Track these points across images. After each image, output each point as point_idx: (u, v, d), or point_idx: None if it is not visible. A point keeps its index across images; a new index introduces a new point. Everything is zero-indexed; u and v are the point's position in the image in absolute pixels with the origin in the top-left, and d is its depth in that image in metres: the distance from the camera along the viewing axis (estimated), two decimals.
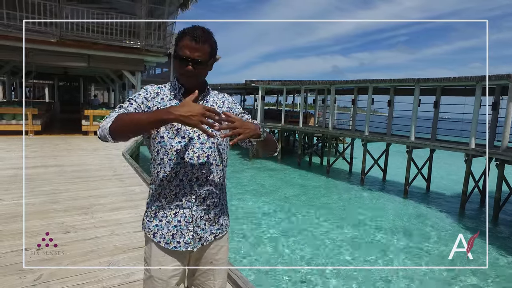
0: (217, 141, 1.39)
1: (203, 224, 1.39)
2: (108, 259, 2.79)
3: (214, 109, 1.16)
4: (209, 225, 1.41)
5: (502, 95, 11.58)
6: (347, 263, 7.45)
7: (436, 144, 12.37)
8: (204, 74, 1.38)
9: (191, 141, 1.34)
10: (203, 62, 1.32)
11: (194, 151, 1.34)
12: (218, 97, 1.49)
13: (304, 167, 18.11)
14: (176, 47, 1.36)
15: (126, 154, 7.54)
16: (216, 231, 1.43)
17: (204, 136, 1.36)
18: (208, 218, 1.40)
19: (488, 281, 6.91)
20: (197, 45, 1.29)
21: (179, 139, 1.34)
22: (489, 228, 10.30)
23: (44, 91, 30.06)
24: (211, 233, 1.41)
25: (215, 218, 1.42)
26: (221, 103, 1.47)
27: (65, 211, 3.89)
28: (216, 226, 1.43)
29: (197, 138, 1.35)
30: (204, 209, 1.38)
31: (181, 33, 1.33)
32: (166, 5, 11.11)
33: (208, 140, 1.37)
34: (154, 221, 1.38)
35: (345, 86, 17.13)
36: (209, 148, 1.37)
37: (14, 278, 2.40)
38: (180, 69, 1.34)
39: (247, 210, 10.48)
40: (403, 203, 12.36)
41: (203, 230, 1.39)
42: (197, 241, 1.38)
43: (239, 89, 26.93)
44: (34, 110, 10.34)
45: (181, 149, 1.34)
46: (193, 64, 1.30)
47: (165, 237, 1.35)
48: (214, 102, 1.45)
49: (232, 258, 7.04)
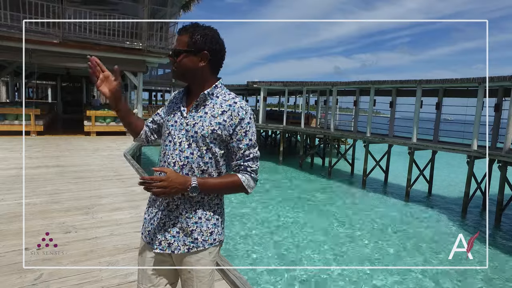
0: (197, 152, 1.32)
1: (175, 232, 1.35)
2: (108, 259, 2.81)
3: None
4: (182, 234, 1.35)
5: (504, 97, 11.55)
6: (348, 263, 7.43)
7: (438, 146, 12.34)
8: (182, 67, 1.34)
9: (174, 147, 1.34)
10: (177, 52, 1.32)
11: (173, 156, 1.34)
12: (223, 105, 1.34)
13: (306, 168, 18.10)
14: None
15: (127, 155, 7.57)
16: (189, 243, 1.35)
17: (185, 144, 1.32)
18: (181, 227, 1.35)
19: (488, 281, 6.89)
20: (179, 36, 1.34)
21: (167, 142, 1.38)
22: (491, 229, 10.26)
23: (47, 92, 30.22)
24: (184, 243, 1.35)
25: (188, 229, 1.34)
26: (220, 112, 1.32)
27: (66, 211, 3.92)
28: (190, 238, 1.35)
29: (179, 144, 1.33)
30: (176, 216, 1.35)
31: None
32: (168, 6, 11.16)
33: (187, 150, 1.32)
34: (145, 214, 1.47)
35: (347, 87, 17.13)
36: (185, 158, 1.32)
37: (15, 277, 2.42)
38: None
39: (248, 210, 10.48)
40: (405, 204, 12.33)
41: (174, 238, 1.35)
42: (165, 245, 1.35)
43: (241, 90, 26.95)
44: (36, 110, 10.40)
45: (166, 153, 1.36)
46: (172, 55, 1.34)
47: (145, 231, 1.43)
48: (211, 110, 1.34)
49: (232, 258, 7.04)
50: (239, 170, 1.37)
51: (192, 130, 1.32)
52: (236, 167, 1.38)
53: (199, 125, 1.32)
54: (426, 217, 11.00)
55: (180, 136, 1.34)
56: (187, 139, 1.33)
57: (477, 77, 11.08)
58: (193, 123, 1.33)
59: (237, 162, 1.37)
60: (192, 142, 1.32)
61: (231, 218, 9.63)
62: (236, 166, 1.38)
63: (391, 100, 14.45)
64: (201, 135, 1.31)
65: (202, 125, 1.31)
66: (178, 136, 1.34)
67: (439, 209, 11.97)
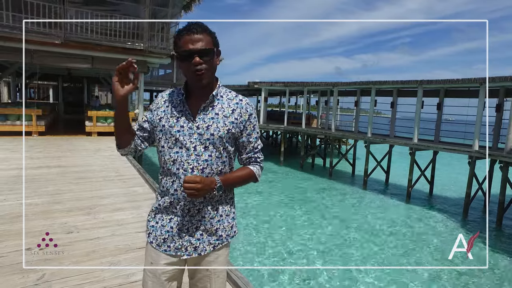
0: (215, 153, 1.33)
1: (199, 234, 1.36)
2: (110, 259, 2.81)
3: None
4: (206, 235, 1.37)
5: (506, 97, 11.53)
6: (348, 263, 7.43)
7: (439, 146, 12.33)
8: (213, 66, 1.31)
9: (187, 152, 1.31)
10: (209, 51, 1.27)
11: (189, 162, 1.31)
12: (230, 104, 1.36)
13: (307, 169, 18.09)
14: (177, 49, 1.30)
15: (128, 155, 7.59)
16: (214, 241, 1.39)
17: (201, 148, 1.31)
18: (205, 229, 1.37)
19: (488, 281, 6.88)
20: (197, 35, 1.26)
21: (176, 149, 1.32)
22: (493, 230, 10.24)
23: (48, 92, 30.28)
24: (209, 243, 1.38)
25: (212, 229, 1.37)
26: (230, 111, 1.34)
27: (68, 211, 3.93)
28: (214, 237, 1.39)
29: (193, 149, 1.31)
30: (199, 220, 1.35)
31: (177, 33, 1.30)
32: (170, 7, 11.17)
33: (205, 153, 1.31)
34: (152, 221, 1.42)
35: (348, 88, 17.13)
36: (204, 161, 1.31)
37: (17, 277, 2.43)
38: (188, 68, 1.27)
39: (248, 211, 10.48)
40: (406, 205, 12.31)
41: (199, 240, 1.36)
42: (191, 250, 1.36)
43: (242, 91, 26.95)
44: (38, 111, 10.42)
45: (177, 160, 1.32)
46: (200, 55, 1.25)
47: (157, 239, 1.38)
48: (221, 110, 1.34)
49: (233, 258, 7.04)
50: (250, 162, 1.45)
51: (207, 133, 1.30)
52: (247, 159, 1.45)
53: (214, 127, 1.31)
54: (427, 217, 10.98)
55: (193, 141, 1.31)
56: (202, 143, 1.31)
57: (478, 77, 11.07)
58: (206, 125, 1.31)
59: (248, 155, 1.44)
60: (209, 145, 1.31)
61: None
62: (248, 159, 1.44)
63: (392, 101, 14.44)
64: (218, 136, 1.31)
65: (217, 127, 1.31)
66: (190, 141, 1.31)
67: (440, 209, 11.95)
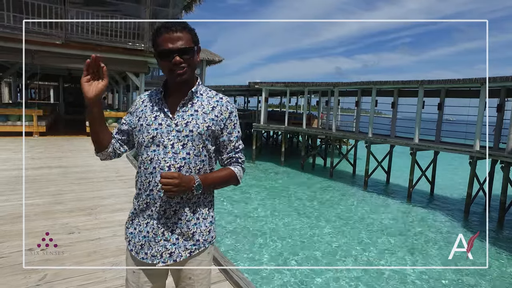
0: (194, 151, 1.28)
1: (174, 239, 1.29)
2: (112, 260, 2.82)
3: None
4: (182, 239, 1.30)
5: (507, 97, 11.52)
6: (349, 263, 7.42)
7: (440, 146, 12.31)
8: (194, 64, 1.29)
9: (165, 150, 1.26)
10: (189, 50, 1.25)
11: (166, 160, 1.26)
12: (210, 101, 1.34)
13: (308, 169, 18.08)
14: (155, 47, 1.27)
15: (129, 156, 7.58)
16: (191, 246, 1.31)
17: (178, 145, 1.27)
18: (181, 232, 1.29)
19: (488, 281, 6.87)
20: (176, 34, 1.23)
21: (154, 147, 1.28)
22: (494, 230, 10.22)
23: (49, 93, 30.31)
24: (185, 248, 1.30)
25: (189, 232, 1.30)
26: (210, 108, 1.32)
27: (69, 212, 3.93)
28: (191, 241, 1.31)
29: (171, 147, 1.26)
30: (174, 222, 1.28)
31: (155, 31, 1.26)
32: (170, 7, 11.18)
33: (183, 150, 1.27)
34: (130, 228, 1.37)
35: (348, 88, 17.12)
36: (182, 159, 1.27)
37: (20, 278, 2.43)
38: (167, 66, 1.25)
39: (248, 211, 10.48)
40: (407, 205, 12.30)
41: (175, 245, 1.29)
42: (166, 257, 1.29)
43: (243, 91, 26.99)
44: (39, 111, 10.44)
45: (154, 158, 1.27)
46: (180, 54, 1.23)
47: (136, 246, 1.33)
48: (201, 107, 1.31)
49: (235, 259, 7.04)
50: (231, 162, 1.39)
51: (185, 129, 1.27)
52: (228, 159, 1.39)
53: (193, 123, 1.28)
54: (428, 217, 10.97)
55: (171, 138, 1.27)
56: (180, 140, 1.27)
57: (479, 77, 11.06)
58: (185, 122, 1.28)
59: (229, 155, 1.38)
60: (188, 142, 1.27)
61: (232, 219, 9.65)
62: (228, 159, 1.39)
63: (393, 101, 14.43)
64: (197, 133, 1.28)
65: (197, 123, 1.28)
66: (168, 139, 1.27)
67: (441, 209, 11.94)
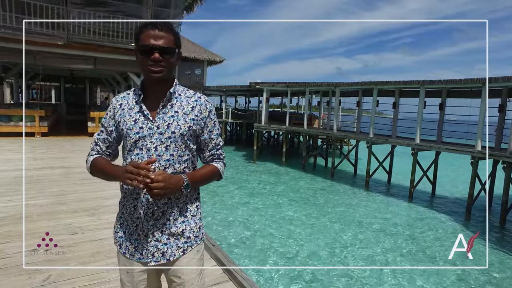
0: (177, 153, 1.30)
1: (165, 239, 1.32)
2: (115, 260, 2.80)
3: (138, 167, 1.15)
4: (173, 239, 1.33)
5: (509, 97, 11.50)
6: (350, 263, 7.42)
7: (441, 147, 12.30)
8: (172, 64, 1.29)
9: (148, 153, 1.28)
10: (170, 50, 1.25)
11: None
12: (190, 101, 1.35)
13: (309, 169, 18.08)
14: (137, 42, 1.26)
15: None
16: (183, 244, 1.34)
17: (162, 148, 1.28)
18: (171, 232, 1.32)
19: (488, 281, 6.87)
20: (161, 32, 1.24)
21: (137, 151, 1.29)
22: (496, 231, 10.21)
23: (50, 93, 30.35)
24: (177, 247, 1.33)
25: (178, 231, 1.33)
26: (190, 108, 1.33)
27: (72, 212, 3.94)
28: (182, 239, 1.34)
29: (154, 149, 1.28)
30: (163, 223, 1.31)
31: (140, 26, 1.26)
32: (172, 8, 11.19)
33: (166, 152, 1.28)
34: (120, 232, 1.39)
35: (350, 88, 17.11)
36: (166, 161, 1.29)
37: (24, 278, 2.44)
38: (145, 62, 1.24)
39: (248, 211, 10.48)
40: (408, 205, 12.29)
41: (167, 245, 1.32)
42: (159, 256, 1.31)
43: (244, 91, 26.98)
44: (41, 112, 10.46)
45: (139, 161, 1.27)
46: (160, 52, 1.23)
47: (129, 249, 1.35)
48: (181, 108, 1.32)
49: (237, 259, 7.04)
50: (213, 159, 1.44)
51: (167, 131, 1.28)
52: (210, 157, 1.44)
53: (175, 124, 1.29)
54: (430, 218, 10.96)
55: (154, 141, 1.28)
56: (162, 142, 1.28)
57: (480, 77, 11.04)
58: (166, 124, 1.29)
59: (211, 152, 1.43)
60: (171, 143, 1.29)
61: (233, 219, 9.66)
62: (210, 156, 1.44)
63: (394, 101, 14.41)
64: (179, 134, 1.29)
65: (178, 124, 1.30)
66: (151, 142, 1.28)
67: (443, 210, 11.92)
